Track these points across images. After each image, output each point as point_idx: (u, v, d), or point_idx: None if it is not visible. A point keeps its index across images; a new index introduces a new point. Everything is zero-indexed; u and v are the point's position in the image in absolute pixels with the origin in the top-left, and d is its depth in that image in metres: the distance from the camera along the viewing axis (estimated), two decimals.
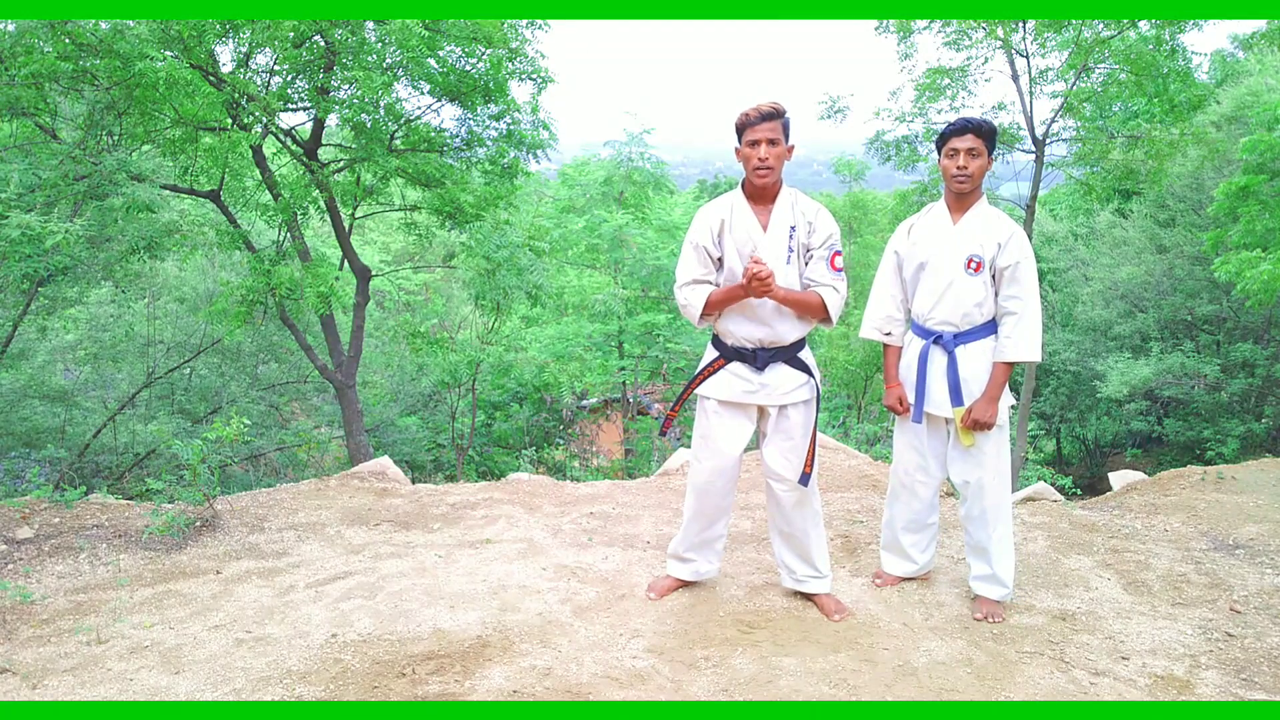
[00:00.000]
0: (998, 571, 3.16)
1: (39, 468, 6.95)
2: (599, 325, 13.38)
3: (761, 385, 3.00)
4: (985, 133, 3.02)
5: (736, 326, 3.00)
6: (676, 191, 16.76)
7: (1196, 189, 13.80)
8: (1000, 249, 3.00)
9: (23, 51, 6.01)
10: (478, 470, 11.91)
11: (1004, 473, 3.15)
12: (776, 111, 2.85)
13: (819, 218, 2.94)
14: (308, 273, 7.87)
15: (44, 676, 2.68)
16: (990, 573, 3.18)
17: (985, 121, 3.05)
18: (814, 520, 3.14)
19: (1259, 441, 12.75)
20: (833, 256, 2.93)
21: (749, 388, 3.00)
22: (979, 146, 3.00)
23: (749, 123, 2.85)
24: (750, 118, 2.84)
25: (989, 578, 3.19)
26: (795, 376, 3.01)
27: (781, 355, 3.00)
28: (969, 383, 3.08)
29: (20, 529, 3.78)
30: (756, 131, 2.84)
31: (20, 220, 4.95)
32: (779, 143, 2.86)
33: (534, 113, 8.64)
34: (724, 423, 3.06)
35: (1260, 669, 2.85)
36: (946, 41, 10.45)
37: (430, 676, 2.68)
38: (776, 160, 2.87)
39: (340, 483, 4.76)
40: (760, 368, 2.99)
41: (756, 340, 2.99)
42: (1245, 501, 4.46)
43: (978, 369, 3.08)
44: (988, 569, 3.18)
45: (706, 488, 3.13)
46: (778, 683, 2.69)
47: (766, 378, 2.99)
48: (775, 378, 3.00)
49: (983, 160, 3.02)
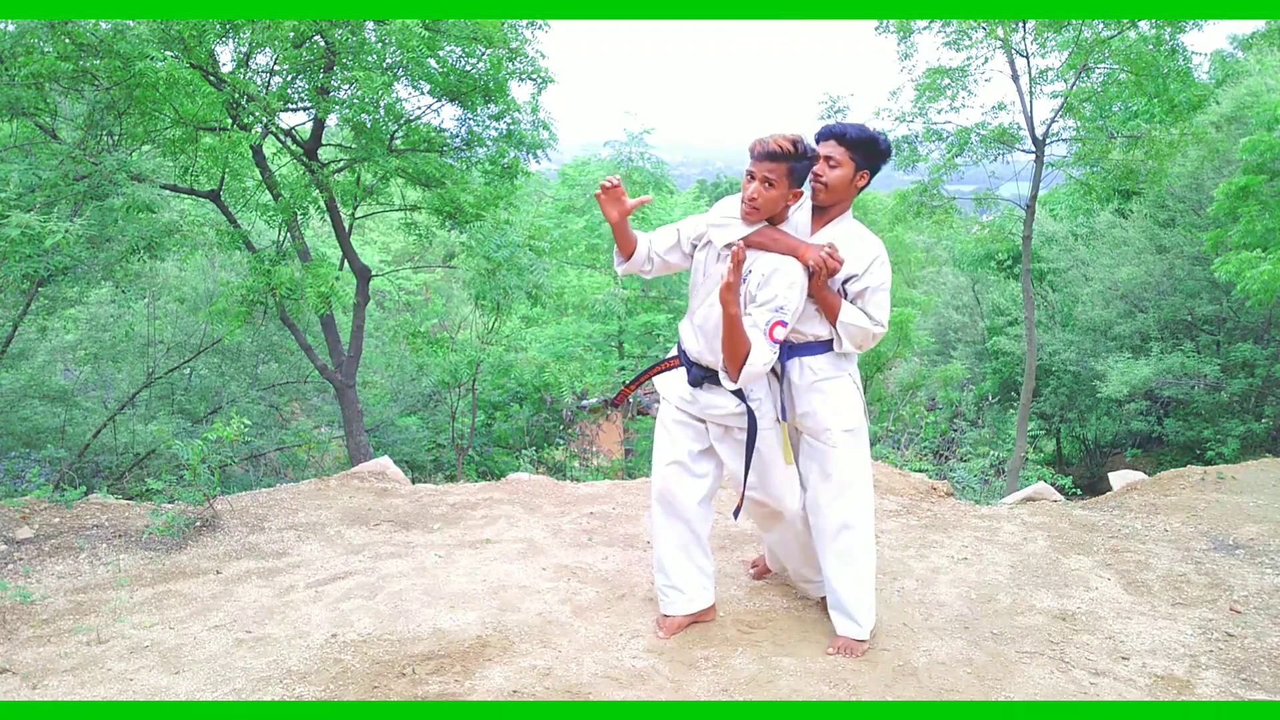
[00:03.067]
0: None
1: (39, 468, 6.95)
2: (599, 325, 13.40)
3: (694, 398, 2.86)
4: (849, 141, 2.73)
5: (686, 332, 2.87)
6: (676, 191, 16.76)
7: (1196, 189, 13.80)
8: (855, 277, 2.75)
9: (23, 51, 6.01)
10: (478, 470, 11.91)
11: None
12: (781, 152, 2.55)
13: (775, 276, 2.63)
14: (308, 273, 7.87)
15: (44, 676, 2.68)
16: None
17: (851, 129, 2.75)
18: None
19: (1259, 441, 12.75)
20: (772, 325, 2.60)
21: (685, 396, 2.88)
22: (839, 156, 2.73)
23: (750, 155, 2.62)
24: (753, 150, 2.61)
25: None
26: (728, 402, 2.79)
27: (717, 379, 2.78)
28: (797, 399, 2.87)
29: (20, 529, 3.78)
30: (754, 166, 2.61)
31: (20, 220, 4.95)
32: (776, 185, 2.59)
33: (534, 113, 8.65)
34: (670, 423, 2.95)
35: (1260, 669, 2.85)
36: (946, 41, 10.45)
37: (430, 676, 2.68)
38: (766, 204, 2.62)
39: (340, 483, 4.76)
40: (693, 383, 2.83)
41: (695, 354, 2.82)
42: (1245, 501, 4.46)
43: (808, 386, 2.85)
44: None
45: (663, 491, 2.94)
46: (778, 683, 2.69)
47: (699, 393, 2.84)
48: (706, 396, 2.82)
49: (842, 171, 2.73)
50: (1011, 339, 15.86)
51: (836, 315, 2.75)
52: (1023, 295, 12.02)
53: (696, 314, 2.81)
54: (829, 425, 2.83)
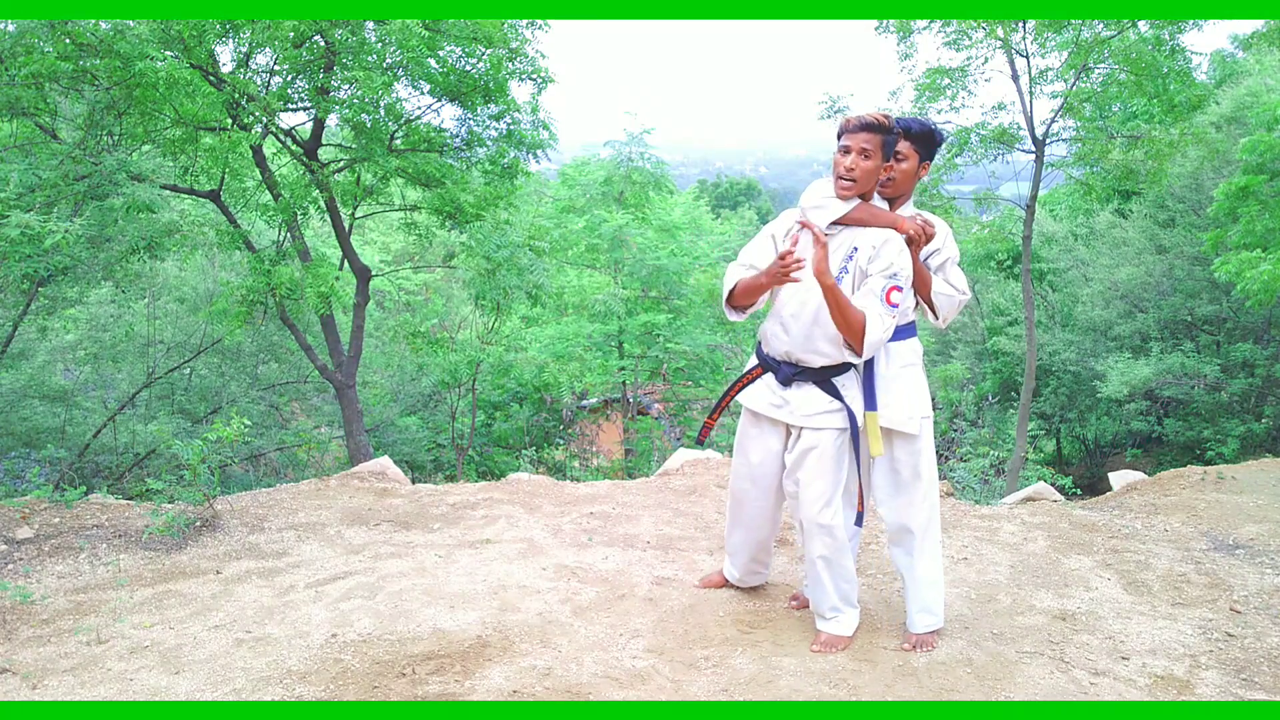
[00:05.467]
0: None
1: (39, 468, 6.94)
2: (599, 325, 13.38)
3: (785, 401, 2.85)
4: (914, 135, 2.79)
5: (772, 334, 2.87)
6: (676, 191, 16.75)
7: (1196, 189, 13.81)
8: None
9: (23, 51, 6.00)
10: (478, 470, 11.92)
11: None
12: (877, 124, 2.63)
13: (886, 246, 2.68)
14: (308, 273, 7.87)
15: (44, 676, 2.68)
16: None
17: (914, 123, 2.82)
18: (826, 565, 2.88)
19: (1259, 441, 12.75)
20: (889, 290, 2.65)
21: (774, 401, 2.88)
22: (904, 149, 2.81)
23: (844, 129, 2.67)
24: (848, 125, 2.66)
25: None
26: (822, 400, 2.80)
27: (810, 376, 2.81)
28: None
29: (20, 529, 3.78)
30: (849, 139, 2.65)
31: (20, 220, 4.94)
32: (873, 156, 2.64)
33: (534, 113, 8.65)
34: (751, 433, 2.99)
35: (1260, 669, 2.85)
36: (946, 41, 10.44)
37: (430, 676, 2.68)
38: (864, 176, 2.66)
39: (340, 483, 4.76)
40: (783, 382, 2.84)
41: (783, 353, 2.83)
42: (1245, 501, 4.46)
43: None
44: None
45: (740, 495, 3.09)
46: (778, 683, 2.69)
47: (790, 394, 2.84)
48: (799, 395, 2.82)
49: (909, 164, 2.82)
50: (1011, 339, 15.85)
51: (929, 288, 2.83)
52: (1023, 295, 12.02)
53: (786, 308, 2.81)
54: (911, 413, 2.86)
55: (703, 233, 17.26)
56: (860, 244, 2.72)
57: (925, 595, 2.95)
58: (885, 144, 2.67)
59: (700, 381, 14.13)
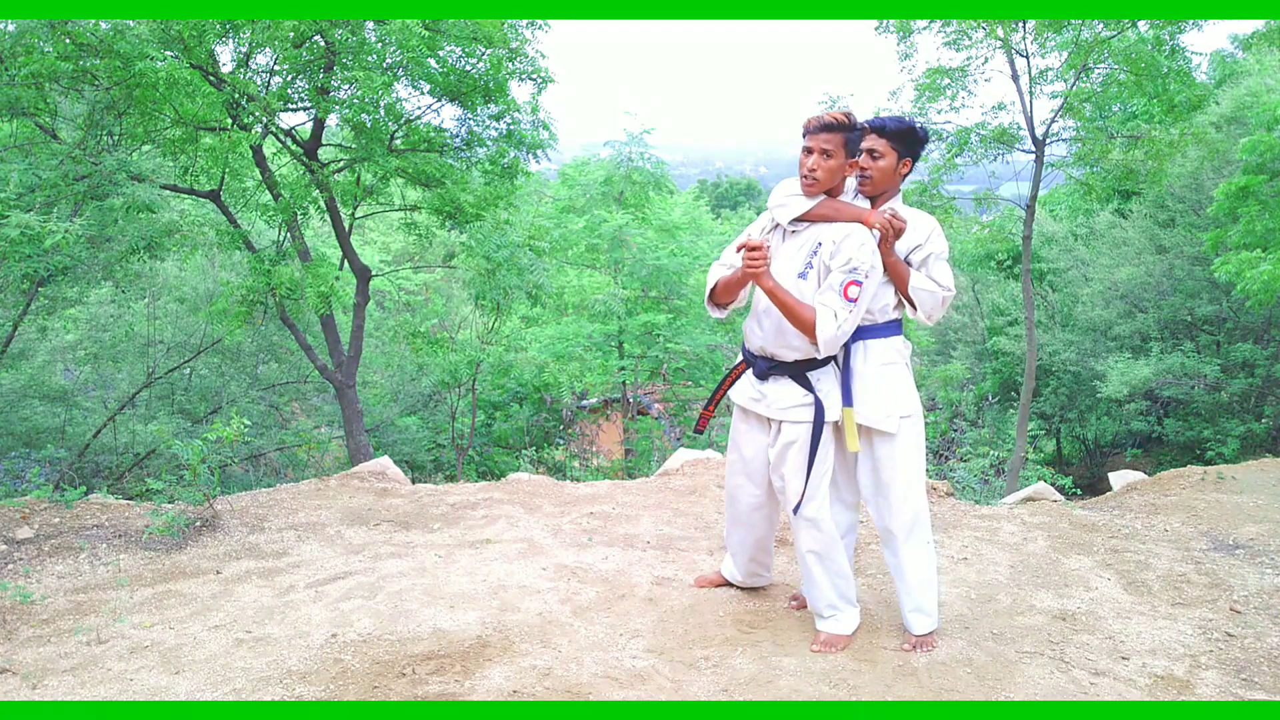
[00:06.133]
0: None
1: (39, 468, 6.93)
2: (599, 325, 13.37)
3: (763, 395, 2.91)
4: (889, 133, 2.80)
5: (749, 329, 2.94)
6: (676, 191, 16.74)
7: (1196, 189, 13.80)
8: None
9: (23, 51, 6.00)
10: (478, 470, 11.91)
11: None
12: (836, 123, 2.67)
13: (846, 241, 2.70)
14: (308, 273, 7.86)
15: (44, 676, 2.68)
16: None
17: (890, 121, 2.83)
18: (818, 560, 2.91)
19: (1259, 441, 12.75)
20: (846, 284, 2.67)
21: (754, 395, 2.95)
22: (881, 147, 2.81)
23: (805, 130, 2.73)
24: (808, 126, 2.72)
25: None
26: (797, 393, 2.85)
27: (785, 370, 2.86)
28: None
29: (20, 529, 3.78)
30: (810, 140, 2.71)
31: (20, 220, 4.95)
32: (834, 155, 2.69)
33: (534, 113, 8.64)
34: (741, 428, 3.04)
35: (1260, 669, 2.85)
36: (946, 41, 10.44)
37: (430, 676, 2.68)
38: (826, 175, 2.71)
39: (340, 483, 4.76)
40: (760, 376, 2.91)
41: (759, 348, 2.91)
42: (1245, 501, 4.46)
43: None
44: None
45: (735, 491, 3.12)
46: (778, 683, 2.69)
47: (767, 388, 2.90)
48: (775, 389, 2.89)
49: (886, 161, 2.83)
50: (1011, 339, 15.85)
51: (906, 283, 2.81)
52: (1023, 295, 12.02)
53: (760, 303, 2.87)
54: (889, 412, 2.84)
55: (703, 233, 17.24)
56: (824, 240, 2.75)
57: (917, 596, 2.94)
58: (848, 142, 2.70)
59: (700, 381, 14.13)
